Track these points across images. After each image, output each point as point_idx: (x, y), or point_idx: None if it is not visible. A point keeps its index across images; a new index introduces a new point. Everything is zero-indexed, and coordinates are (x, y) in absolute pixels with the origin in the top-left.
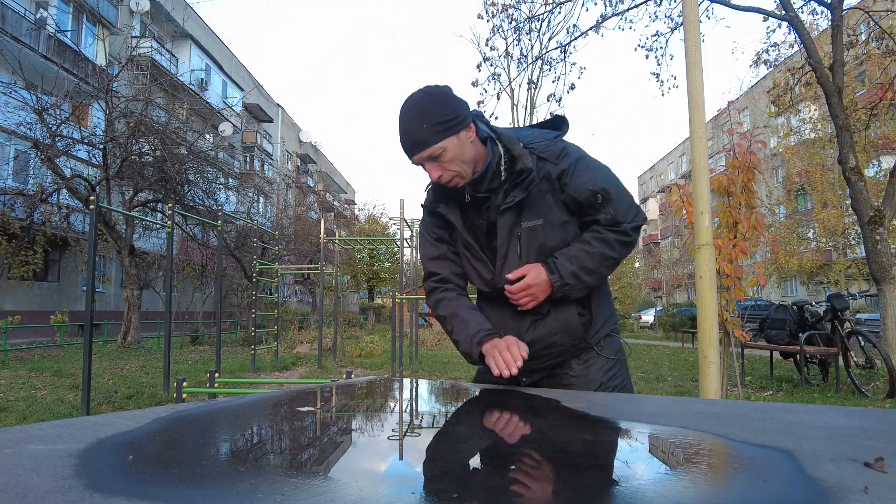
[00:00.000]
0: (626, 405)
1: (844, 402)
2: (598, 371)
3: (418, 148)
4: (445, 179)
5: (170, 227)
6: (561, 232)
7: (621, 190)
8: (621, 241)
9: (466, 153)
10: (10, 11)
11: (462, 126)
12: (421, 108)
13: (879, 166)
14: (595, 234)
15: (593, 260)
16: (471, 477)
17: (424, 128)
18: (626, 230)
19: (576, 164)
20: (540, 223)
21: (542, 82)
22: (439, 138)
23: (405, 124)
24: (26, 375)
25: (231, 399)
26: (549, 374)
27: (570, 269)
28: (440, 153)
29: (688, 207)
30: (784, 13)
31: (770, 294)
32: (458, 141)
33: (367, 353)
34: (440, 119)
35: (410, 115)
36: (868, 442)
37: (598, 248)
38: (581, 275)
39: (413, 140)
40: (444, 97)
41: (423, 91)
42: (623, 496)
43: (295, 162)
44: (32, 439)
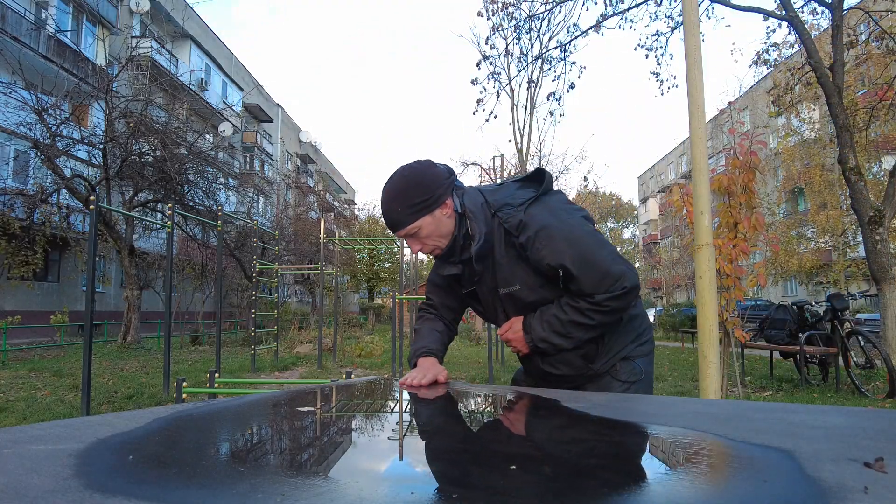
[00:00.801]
0: (626, 405)
1: (844, 402)
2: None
3: (396, 227)
4: (425, 251)
5: (170, 227)
6: (541, 291)
7: (588, 262)
8: (595, 310)
9: (443, 228)
10: (10, 11)
11: (437, 205)
12: (397, 191)
13: (880, 166)
14: (570, 300)
15: (564, 327)
16: (471, 477)
17: (399, 210)
18: (600, 301)
19: (535, 238)
20: (516, 288)
21: (541, 81)
22: (414, 218)
23: (384, 205)
24: (26, 375)
25: (231, 399)
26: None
27: (540, 333)
28: (416, 231)
29: (688, 207)
30: (784, 13)
31: (770, 294)
32: (433, 219)
33: (367, 354)
34: (415, 200)
35: (387, 196)
36: (868, 442)
37: (570, 316)
38: (552, 339)
39: (391, 220)
40: (419, 177)
41: (401, 173)
42: (623, 496)
43: (295, 162)
44: (32, 439)
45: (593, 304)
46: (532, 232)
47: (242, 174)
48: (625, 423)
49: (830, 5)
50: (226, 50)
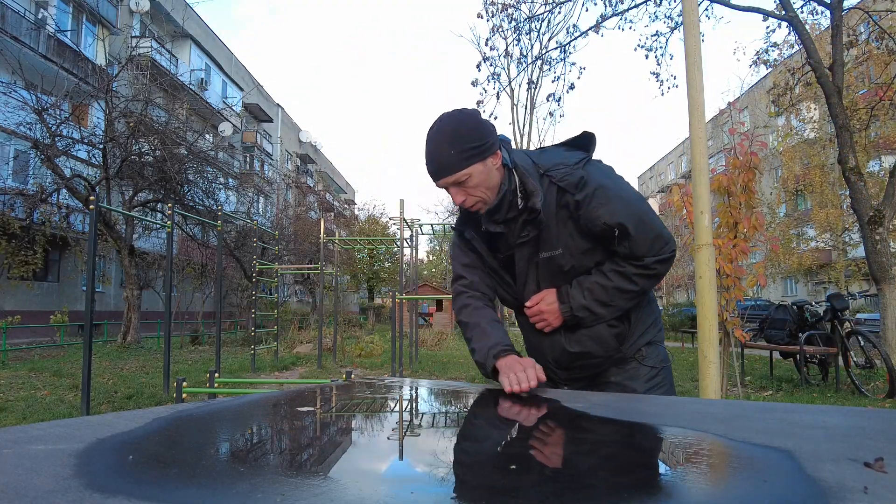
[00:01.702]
0: (626, 405)
1: (844, 402)
2: (640, 381)
3: (444, 173)
4: (469, 204)
5: (170, 227)
6: (582, 259)
7: (644, 223)
8: (642, 274)
9: (492, 180)
10: (10, 11)
11: (490, 152)
12: (449, 133)
13: (881, 166)
14: (614, 266)
15: (608, 293)
16: (471, 477)
17: (452, 153)
18: (648, 264)
19: (593, 196)
20: (559, 252)
21: (541, 82)
22: (466, 164)
23: (432, 148)
24: (26, 375)
25: (231, 399)
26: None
27: (580, 301)
28: (465, 179)
29: (688, 207)
30: (784, 13)
31: (770, 294)
32: (485, 167)
33: (367, 353)
34: (468, 145)
35: (438, 138)
36: (868, 442)
37: (615, 282)
38: (593, 308)
39: (439, 165)
40: (472, 122)
41: (452, 115)
42: (623, 496)
43: (295, 162)
44: (32, 439)
45: (641, 266)
46: (591, 190)
47: (242, 174)
48: (625, 422)
49: (830, 5)
50: (226, 50)
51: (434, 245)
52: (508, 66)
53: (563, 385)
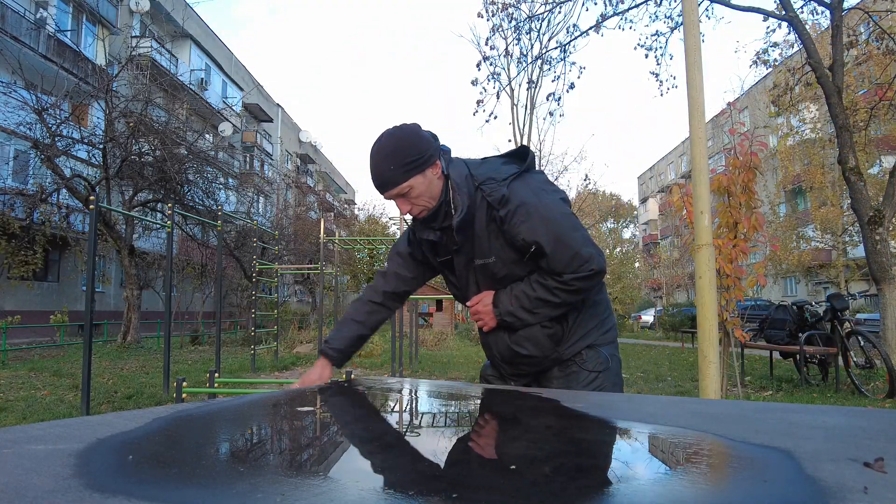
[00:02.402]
0: (626, 405)
1: (844, 402)
2: (580, 385)
3: (387, 186)
4: (415, 213)
5: (169, 227)
6: (513, 267)
7: (561, 241)
8: (562, 289)
9: (434, 189)
10: (10, 11)
11: (428, 164)
12: (388, 149)
13: (881, 166)
14: (539, 277)
15: (531, 302)
16: (471, 477)
17: (392, 169)
18: (567, 280)
19: (515, 213)
20: (491, 261)
21: (541, 82)
22: (406, 177)
23: (374, 165)
24: (26, 375)
25: (231, 399)
26: (535, 380)
27: (507, 307)
28: (408, 191)
29: (688, 207)
30: (784, 13)
31: (770, 294)
32: (424, 178)
33: (367, 353)
34: (407, 159)
35: (378, 156)
36: (868, 442)
37: (538, 293)
38: (519, 314)
39: (382, 179)
40: (410, 137)
41: (391, 133)
42: (623, 496)
43: (295, 162)
44: (32, 439)
45: (561, 282)
46: (512, 207)
47: (242, 174)
48: (624, 423)
49: (830, 5)
50: (226, 50)
51: None
52: (508, 65)
53: (510, 380)
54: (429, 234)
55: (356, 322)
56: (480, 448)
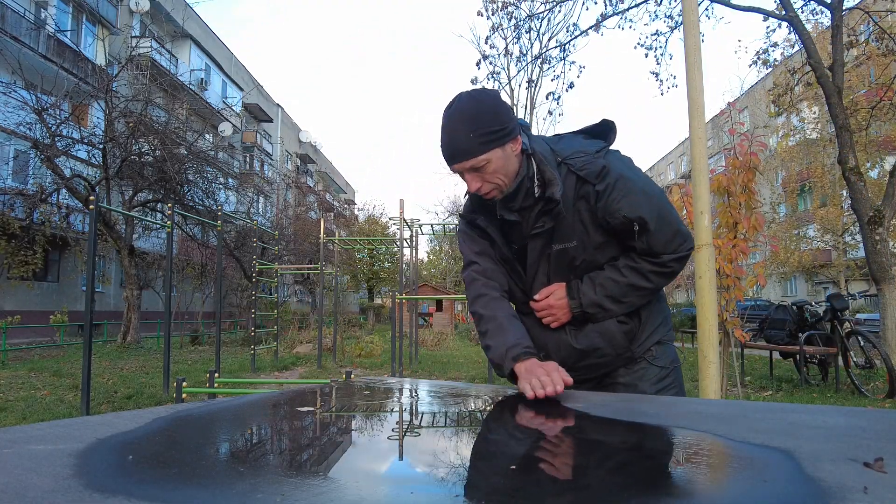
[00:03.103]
0: (626, 405)
1: (844, 402)
2: (649, 383)
3: (461, 157)
4: (485, 191)
5: (169, 227)
6: (595, 253)
7: (664, 217)
8: (658, 272)
9: (510, 166)
10: (10, 11)
11: (510, 137)
12: (469, 115)
13: (882, 167)
14: (629, 261)
15: (620, 290)
16: (470, 477)
17: (471, 136)
18: (665, 261)
19: (614, 187)
20: (573, 245)
21: (541, 81)
22: (485, 149)
23: (449, 130)
24: (26, 375)
25: (231, 399)
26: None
27: (591, 297)
28: (483, 164)
29: (688, 207)
30: (784, 13)
31: (770, 294)
32: (504, 153)
33: (367, 353)
34: (488, 129)
35: (456, 120)
36: (868, 442)
37: (629, 278)
38: (605, 304)
39: (456, 148)
40: (493, 104)
41: (471, 95)
42: (623, 496)
43: (295, 162)
44: (32, 439)
45: (657, 264)
46: (612, 180)
47: (242, 174)
48: (624, 422)
49: (830, 5)
50: (226, 50)
51: (434, 245)
52: (508, 64)
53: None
54: (510, 215)
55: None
56: (480, 448)
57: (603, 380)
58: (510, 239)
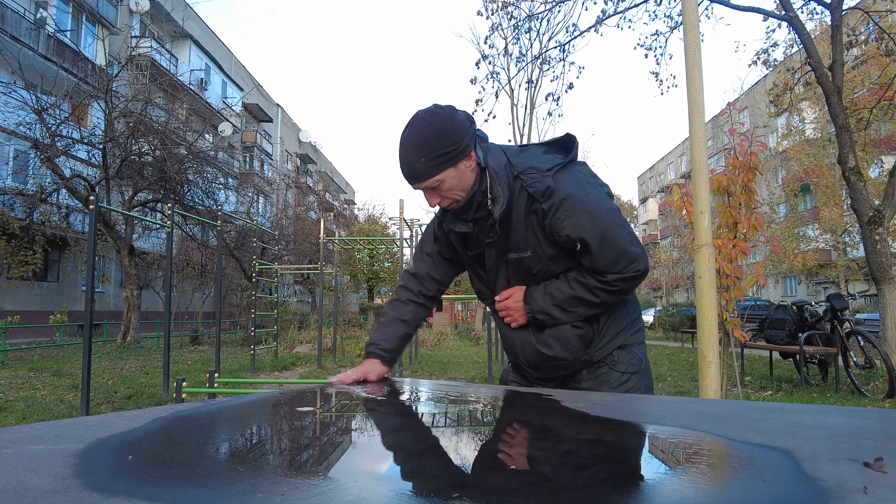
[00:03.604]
0: (626, 405)
1: (844, 402)
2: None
3: (416, 179)
4: (444, 205)
5: (169, 227)
6: (549, 264)
7: (608, 238)
8: (603, 289)
9: (465, 182)
10: (10, 11)
11: (462, 156)
12: (420, 140)
13: (881, 167)
14: (578, 275)
15: (567, 301)
16: (470, 477)
17: (422, 161)
18: (609, 280)
19: (559, 206)
20: (527, 255)
21: (541, 81)
22: (437, 171)
23: (403, 155)
24: (26, 375)
25: (230, 399)
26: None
27: (541, 305)
28: (437, 184)
29: (688, 207)
30: (784, 13)
31: (770, 294)
32: (457, 171)
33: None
34: (439, 151)
35: (409, 146)
36: (868, 442)
37: (575, 291)
38: (552, 312)
39: (411, 171)
40: (445, 125)
41: (423, 119)
42: (623, 496)
43: (295, 162)
44: (32, 439)
45: (603, 282)
46: (557, 200)
47: (242, 174)
48: (624, 422)
49: (830, 5)
50: (226, 50)
51: None
52: (508, 64)
53: (536, 384)
54: (461, 227)
55: (402, 321)
56: (480, 448)
57: (566, 381)
58: (468, 245)
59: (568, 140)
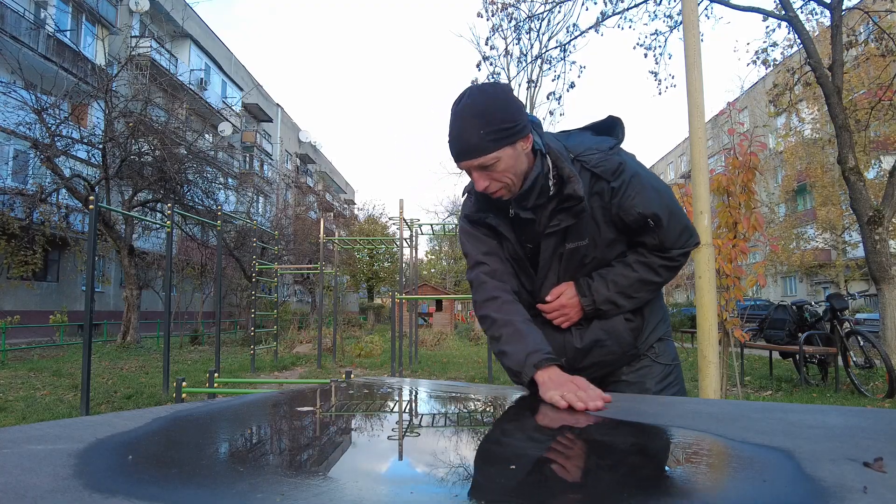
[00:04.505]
0: (626, 405)
1: (844, 402)
2: (654, 381)
3: (470, 155)
4: (493, 190)
5: (169, 227)
6: (605, 251)
7: (674, 213)
8: (666, 266)
9: (520, 165)
10: (10, 11)
11: (521, 135)
12: (479, 111)
13: (881, 167)
14: (639, 256)
15: (632, 285)
16: (470, 477)
17: (481, 133)
18: (674, 256)
19: (629, 184)
20: (584, 243)
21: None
22: (495, 147)
23: (458, 127)
24: (25, 375)
25: (230, 399)
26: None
27: (604, 294)
28: (493, 163)
29: (687, 207)
30: (784, 13)
31: (770, 294)
32: (514, 152)
33: (367, 353)
34: (499, 126)
35: (466, 116)
36: (867, 442)
37: (640, 273)
38: (617, 300)
39: (465, 145)
40: (505, 100)
41: (483, 89)
42: (623, 496)
43: (294, 162)
44: (31, 439)
45: (667, 258)
46: (627, 177)
47: (242, 174)
48: (624, 422)
49: (830, 5)
50: (225, 50)
51: (434, 245)
52: (508, 65)
53: None
54: (526, 214)
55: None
56: (480, 448)
57: (606, 378)
58: (522, 238)
59: (612, 122)
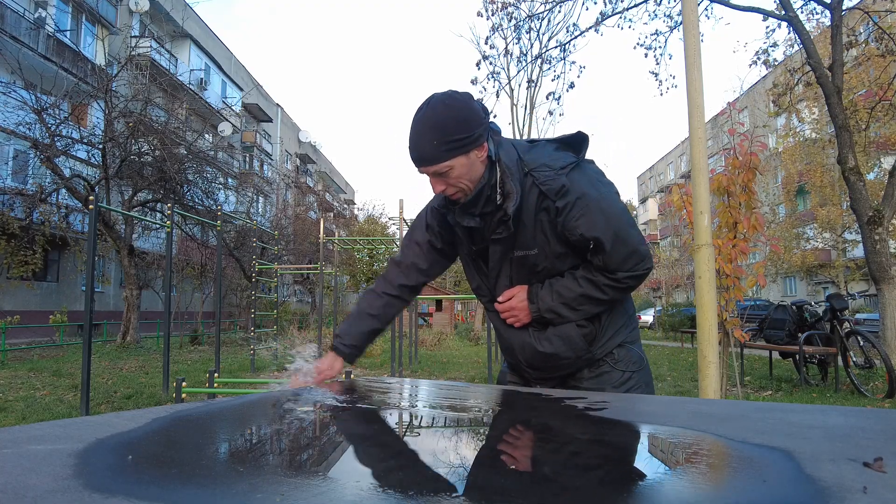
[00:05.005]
0: (626, 405)
1: (844, 402)
2: (611, 386)
3: (425, 163)
4: (449, 193)
5: (169, 227)
6: (556, 262)
7: (620, 238)
8: (612, 286)
9: (475, 172)
10: (10, 11)
11: (475, 145)
12: (434, 122)
13: (881, 167)
14: (587, 273)
15: (576, 299)
16: (470, 477)
17: (434, 143)
18: (620, 278)
19: (573, 205)
20: (533, 252)
21: (541, 81)
22: (448, 157)
23: (414, 135)
24: (25, 375)
25: (230, 399)
26: (561, 383)
27: (548, 303)
28: (446, 171)
29: (687, 207)
30: (784, 13)
31: (770, 294)
32: (468, 160)
33: (367, 353)
34: (452, 137)
35: (423, 126)
36: (867, 442)
37: (584, 289)
38: (560, 310)
39: (421, 154)
40: (461, 111)
41: (440, 101)
42: (623, 496)
43: (294, 162)
44: (31, 439)
45: (613, 279)
46: (572, 199)
47: (242, 174)
48: (624, 422)
49: (830, 5)
50: (225, 50)
51: None
52: (508, 65)
53: (535, 384)
54: (469, 221)
55: (371, 315)
56: (480, 448)
57: (566, 380)
58: (473, 239)
59: (579, 138)
